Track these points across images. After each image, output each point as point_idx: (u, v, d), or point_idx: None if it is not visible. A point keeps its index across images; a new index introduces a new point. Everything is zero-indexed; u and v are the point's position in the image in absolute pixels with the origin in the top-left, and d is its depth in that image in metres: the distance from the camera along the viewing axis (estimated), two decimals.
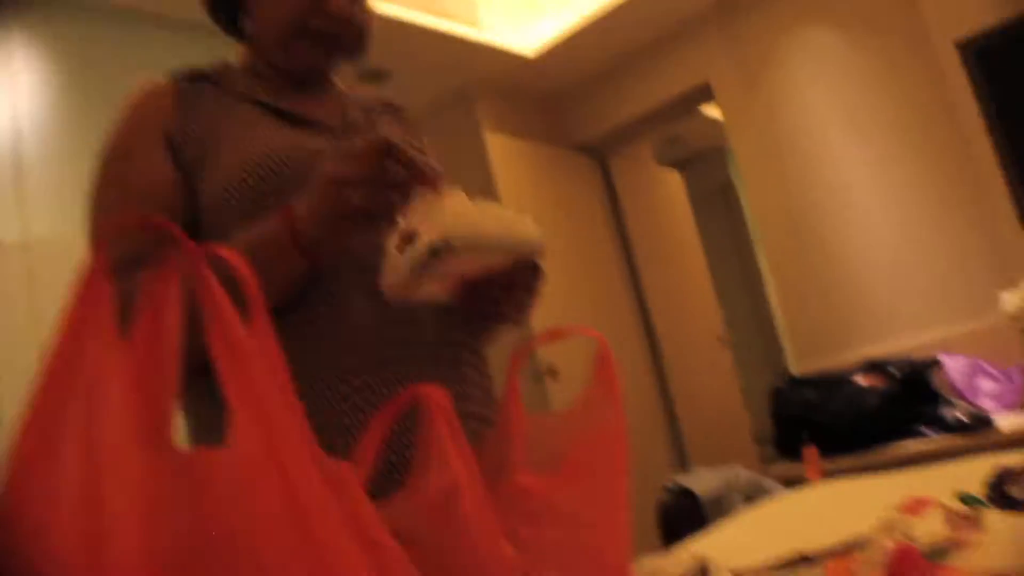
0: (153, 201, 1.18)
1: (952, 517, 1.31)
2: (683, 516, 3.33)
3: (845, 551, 1.22)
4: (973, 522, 1.31)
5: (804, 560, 1.27)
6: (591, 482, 0.88)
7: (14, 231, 3.25)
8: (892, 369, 4.08)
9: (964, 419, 3.74)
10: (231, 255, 0.65)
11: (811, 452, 2.57)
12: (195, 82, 1.31)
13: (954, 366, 4.14)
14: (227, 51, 1.46)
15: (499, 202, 5.10)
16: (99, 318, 0.57)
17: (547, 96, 6.10)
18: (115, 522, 0.49)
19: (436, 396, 0.86)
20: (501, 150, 5.28)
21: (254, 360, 0.55)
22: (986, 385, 4.09)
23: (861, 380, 4.11)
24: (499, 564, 0.76)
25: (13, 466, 0.51)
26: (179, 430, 1.06)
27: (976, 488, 1.47)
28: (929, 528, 1.27)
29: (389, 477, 1.02)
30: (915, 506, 1.18)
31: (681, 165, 7.69)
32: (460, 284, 1.03)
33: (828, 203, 4.84)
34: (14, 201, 3.30)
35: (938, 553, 1.20)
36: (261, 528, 0.51)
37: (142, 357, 0.60)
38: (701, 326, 6.38)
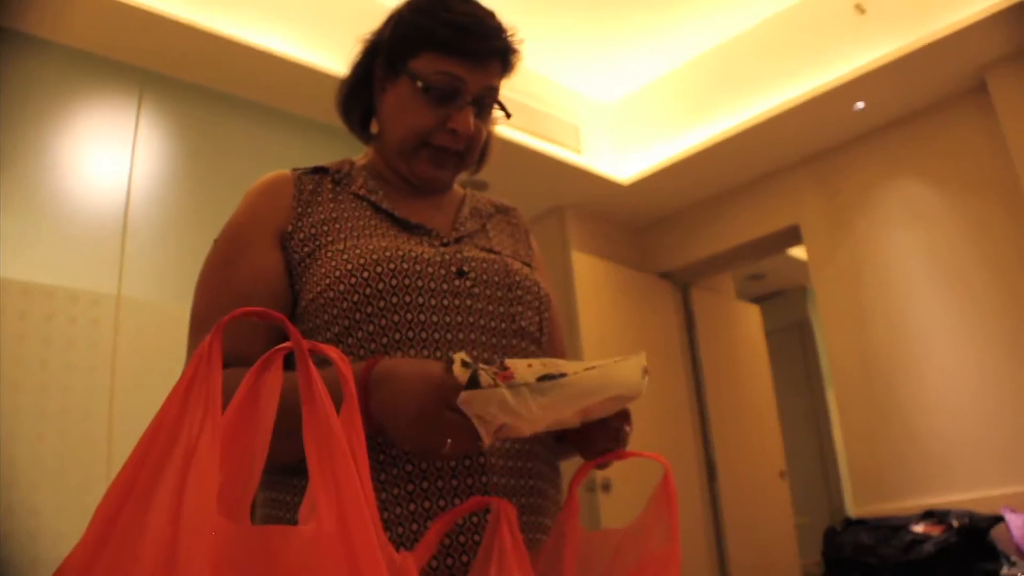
0: (258, 293, 1.19)
1: None
2: None
3: None
4: None
5: None
6: None
7: (111, 285, 3.38)
8: (952, 519, 3.95)
9: None
10: (334, 352, 0.67)
11: None
12: (316, 177, 1.32)
13: (1018, 524, 3.99)
14: (344, 152, 1.46)
15: (577, 319, 5.14)
16: (205, 396, 0.59)
17: (636, 223, 6.15)
18: None
19: (505, 508, 0.87)
20: (586, 268, 5.33)
21: (341, 447, 0.57)
22: None
23: (918, 528, 3.99)
24: None
25: (100, 520, 0.53)
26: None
27: None
28: None
29: (448, 564, 1.03)
30: None
31: (761, 300, 7.64)
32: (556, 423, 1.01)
33: (904, 350, 4.76)
34: (116, 258, 3.43)
35: None
36: None
37: (234, 434, 0.62)
38: (762, 460, 6.25)
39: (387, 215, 1.29)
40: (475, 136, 1.31)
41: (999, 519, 3.96)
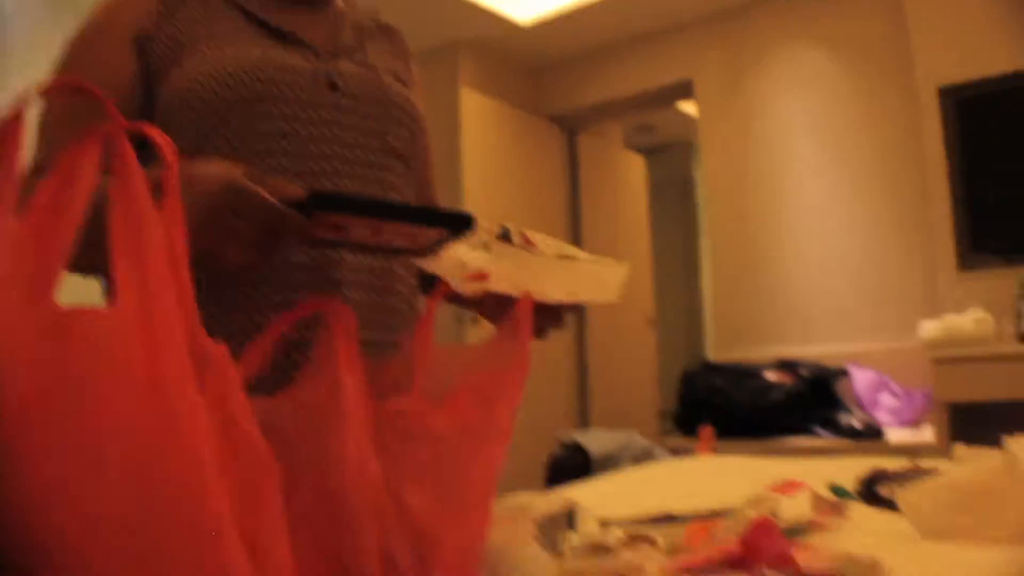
0: (106, 95, 1.11)
1: (819, 502, 1.32)
2: (571, 470, 3.35)
3: (710, 516, 1.22)
4: (838, 510, 1.32)
5: (670, 519, 1.27)
6: (472, 414, 0.86)
7: None
8: (801, 369, 4.13)
9: (858, 426, 3.80)
10: (159, 135, 0.62)
11: (707, 431, 2.59)
12: None
13: (861, 378, 4.20)
14: None
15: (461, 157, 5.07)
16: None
17: (531, 65, 6.04)
18: None
19: (343, 312, 0.84)
20: (474, 106, 5.23)
21: (149, 228, 0.53)
22: (887, 401, 4.15)
23: (770, 375, 4.15)
24: (361, 472, 0.74)
25: None
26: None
27: (849, 483, 1.49)
28: (795, 508, 1.27)
29: (283, 379, 1.00)
30: (786, 487, 1.19)
31: (648, 152, 7.67)
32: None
33: (780, 208, 4.86)
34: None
35: (797, 531, 1.20)
36: (118, 387, 0.49)
37: (41, 215, 0.57)
38: (632, 307, 6.39)
39: (260, 24, 1.19)
40: None
41: (844, 372, 4.16)
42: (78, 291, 0.82)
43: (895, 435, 3.82)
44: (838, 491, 1.45)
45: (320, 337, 0.83)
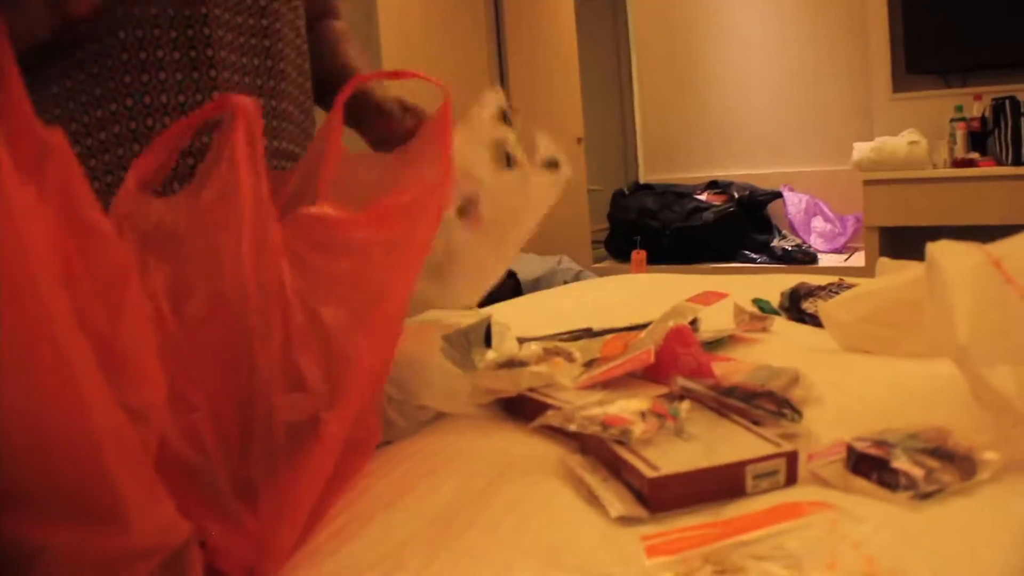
0: None
1: (741, 315, 1.30)
2: (501, 294, 3.34)
3: (629, 330, 1.19)
4: (761, 323, 1.30)
5: (589, 334, 1.24)
6: (395, 227, 0.80)
7: None
8: (734, 191, 4.12)
9: (789, 250, 3.82)
10: None
11: (639, 255, 2.58)
12: None
13: (794, 202, 4.21)
14: None
15: None
16: None
17: None
18: None
19: (246, 105, 0.75)
20: None
21: None
22: (820, 226, 4.18)
23: (702, 197, 4.14)
24: (265, 277, 0.68)
25: None
26: None
27: (775, 299, 1.47)
28: (718, 323, 1.25)
29: (183, 177, 0.93)
30: (707, 298, 1.15)
31: None
32: None
33: (712, 27, 4.74)
34: None
35: (718, 344, 1.19)
36: None
37: None
38: (561, 126, 6.26)
39: None
40: None
41: (777, 194, 4.16)
42: None
43: (827, 260, 3.86)
44: (762, 305, 1.43)
45: (220, 139, 0.75)
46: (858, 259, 3.77)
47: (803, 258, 3.81)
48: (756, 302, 1.44)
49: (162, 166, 0.80)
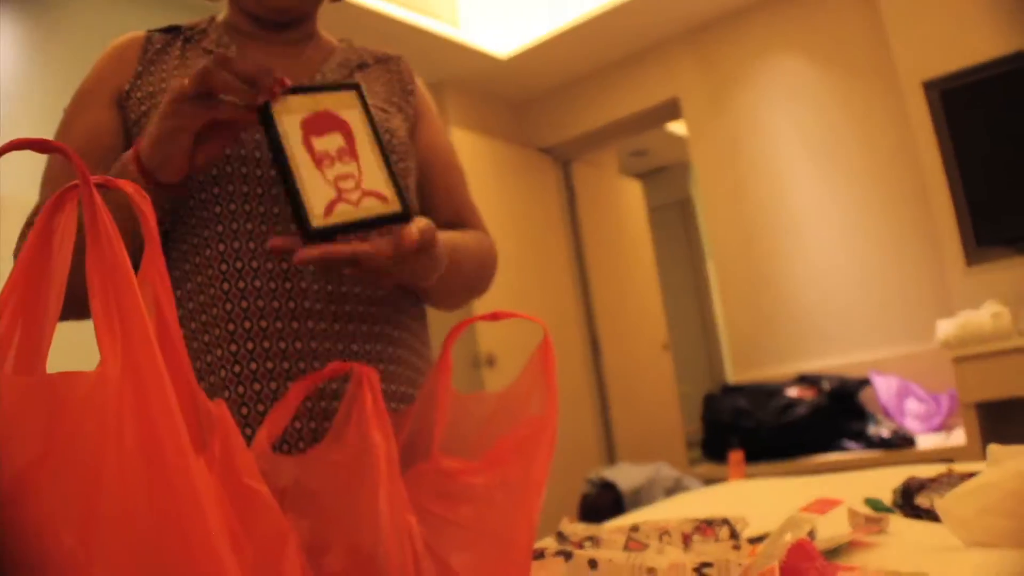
0: (91, 151, 1.13)
1: (856, 519, 1.29)
2: (603, 507, 3.33)
3: (747, 544, 1.19)
4: (877, 525, 1.29)
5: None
6: (511, 468, 0.85)
7: None
8: (823, 383, 4.09)
9: (887, 436, 3.76)
10: (129, 186, 0.61)
11: (736, 455, 2.55)
12: (168, 36, 1.24)
13: (884, 386, 4.16)
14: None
15: None
16: None
17: (517, 98, 6.06)
18: None
19: (367, 371, 0.83)
20: (466, 145, 5.22)
21: (127, 288, 0.51)
22: (914, 407, 4.11)
23: (792, 392, 4.12)
24: (399, 532, 0.72)
25: None
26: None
27: (885, 496, 1.46)
28: (832, 527, 1.24)
29: (308, 438, 1.00)
30: (821, 506, 1.16)
31: (644, 176, 7.69)
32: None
33: (781, 223, 4.85)
34: None
35: (838, 551, 1.17)
36: (110, 453, 0.47)
37: (23, 282, 0.55)
38: (646, 332, 6.37)
39: None
40: None
41: (866, 382, 4.12)
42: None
43: (926, 441, 3.78)
44: (875, 505, 1.42)
45: (346, 394, 0.83)
46: (958, 437, 3.68)
47: (901, 442, 3.73)
48: (869, 502, 1.43)
49: (286, 424, 0.88)
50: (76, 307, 0.69)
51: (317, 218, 0.87)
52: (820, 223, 4.70)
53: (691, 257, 8.37)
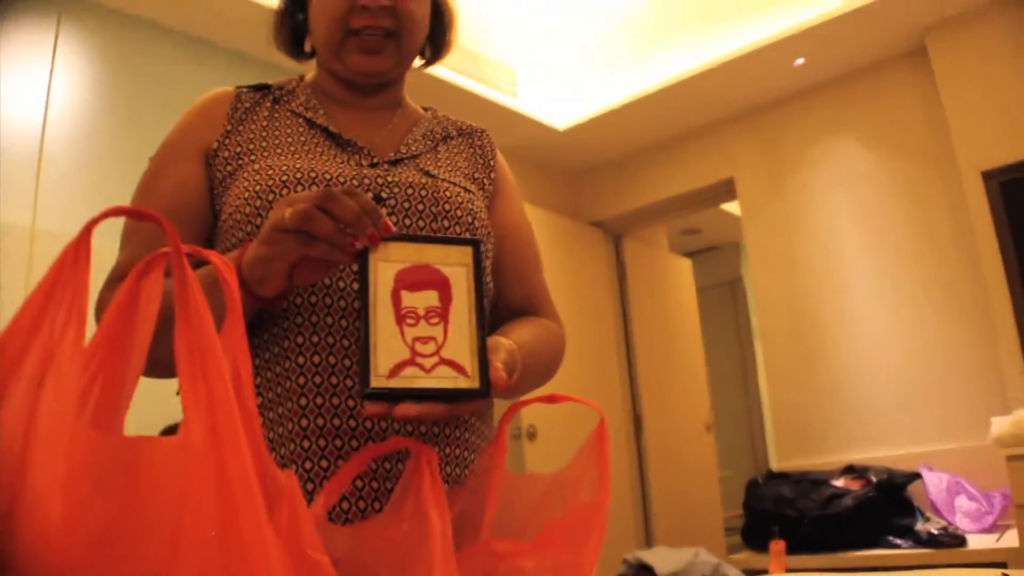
0: (176, 209, 1.15)
1: None
2: None
3: None
4: None
5: None
6: (562, 554, 0.85)
7: (26, 218, 3.26)
8: (871, 475, 4.03)
9: (935, 533, 3.68)
10: (217, 258, 0.63)
11: (778, 545, 2.52)
12: (257, 95, 1.28)
13: (935, 481, 4.08)
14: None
15: None
16: (70, 298, 0.54)
17: (571, 170, 6.13)
18: (37, 492, 0.46)
19: (427, 452, 0.85)
20: None
21: (213, 357, 0.53)
22: (965, 504, 4.02)
23: (838, 482, 4.06)
24: None
25: None
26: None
27: None
28: None
29: (360, 507, 1.00)
30: None
31: (695, 255, 7.70)
32: None
33: (833, 309, 4.82)
34: (31, 189, 3.31)
35: None
36: (188, 519, 0.49)
37: (107, 341, 0.57)
38: (689, 412, 6.32)
39: (321, 130, 1.24)
40: (399, 11, 1.24)
41: (916, 476, 4.05)
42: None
43: (977, 541, 3.69)
44: None
45: (405, 471, 0.84)
46: (1011, 538, 3.58)
47: (951, 541, 3.64)
48: None
49: (343, 492, 0.89)
50: (156, 366, 0.71)
51: (378, 378, 0.83)
52: (873, 310, 4.66)
53: (739, 338, 8.33)
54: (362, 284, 0.87)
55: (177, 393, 0.95)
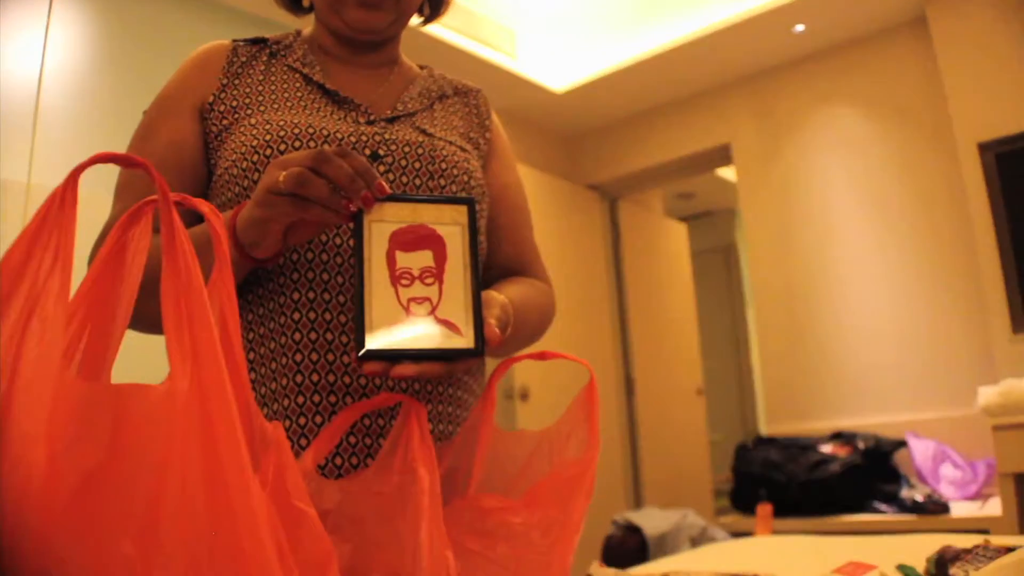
0: (169, 163, 1.14)
1: None
2: (627, 551, 3.31)
3: None
4: None
5: None
6: (550, 510, 0.86)
7: (20, 172, 3.25)
8: (858, 441, 4.05)
9: (920, 500, 3.71)
10: (208, 208, 0.63)
11: (764, 509, 2.54)
12: (253, 48, 1.26)
13: (921, 449, 4.11)
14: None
15: None
16: (56, 244, 0.54)
17: (568, 133, 6.10)
18: (21, 437, 0.46)
19: (416, 407, 0.85)
20: None
21: (200, 306, 0.53)
22: (950, 472, 4.05)
23: (826, 448, 4.08)
24: (437, 565, 0.73)
25: None
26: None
27: (919, 563, 1.44)
28: None
29: (353, 463, 1.00)
30: (854, 570, 1.15)
31: (689, 219, 7.69)
32: None
33: (826, 275, 4.82)
34: (27, 145, 3.30)
35: None
36: (173, 466, 0.48)
37: (93, 291, 0.57)
38: (680, 376, 6.34)
39: (317, 87, 1.23)
40: None
41: (903, 443, 4.08)
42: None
43: (960, 509, 3.72)
44: (909, 572, 1.40)
45: (394, 426, 0.84)
46: (994, 506, 3.62)
47: (935, 508, 3.68)
48: (901, 569, 1.41)
49: (333, 445, 0.89)
50: (143, 320, 0.70)
51: (374, 339, 0.83)
52: (865, 277, 4.67)
53: (731, 304, 8.34)
54: (357, 245, 0.86)
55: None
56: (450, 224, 0.92)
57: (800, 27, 4.75)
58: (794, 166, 5.05)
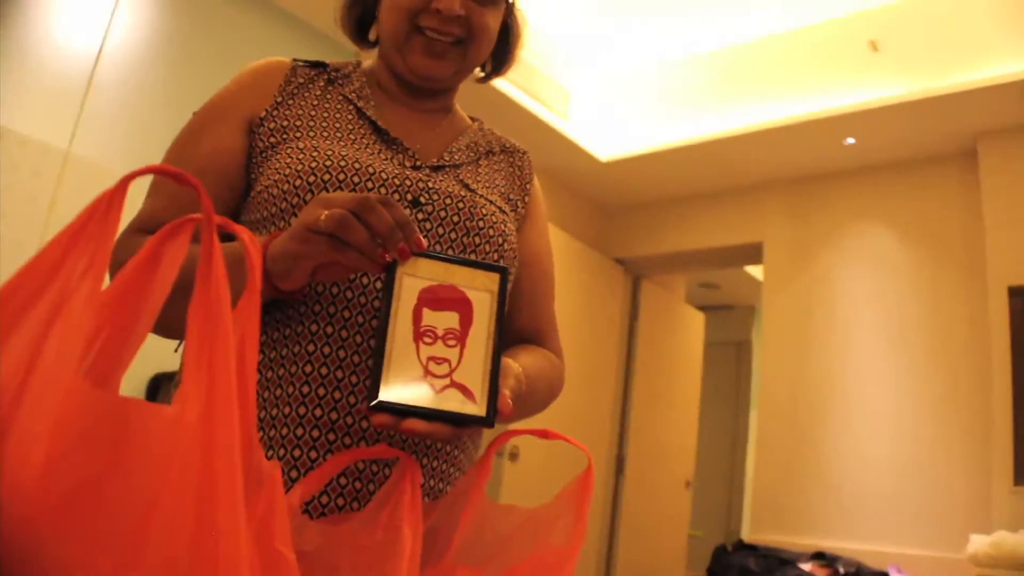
0: (211, 171, 1.15)
1: None
2: None
3: None
4: None
5: None
6: None
7: (62, 139, 3.31)
8: (840, 565, 4.00)
9: None
10: (247, 236, 0.63)
11: None
12: (312, 72, 1.27)
13: None
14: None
15: None
16: (92, 250, 0.54)
17: (604, 203, 6.13)
18: (23, 435, 0.46)
19: (412, 465, 0.85)
20: None
21: (223, 333, 0.53)
22: None
23: (806, 566, 4.03)
24: None
25: None
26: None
27: None
28: None
29: (339, 504, 1.00)
30: None
31: (709, 309, 7.69)
32: None
33: (835, 391, 4.80)
34: (74, 114, 3.36)
35: None
36: (169, 490, 0.48)
37: (119, 297, 0.57)
38: (672, 464, 6.30)
39: (369, 122, 1.23)
40: (472, 21, 1.23)
41: (884, 574, 4.03)
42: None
43: None
44: None
45: (388, 479, 0.84)
46: None
47: None
48: None
49: (323, 486, 0.88)
50: (159, 323, 0.70)
51: (388, 392, 0.83)
52: (875, 400, 4.65)
53: (736, 401, 8.32)
54: (385, 296, 0.87)
55: (176, 350, 0.96)
56: (481, 290, 0.92)
57: (851, 140, 4.78)
58: (822, 276, 5.06)
